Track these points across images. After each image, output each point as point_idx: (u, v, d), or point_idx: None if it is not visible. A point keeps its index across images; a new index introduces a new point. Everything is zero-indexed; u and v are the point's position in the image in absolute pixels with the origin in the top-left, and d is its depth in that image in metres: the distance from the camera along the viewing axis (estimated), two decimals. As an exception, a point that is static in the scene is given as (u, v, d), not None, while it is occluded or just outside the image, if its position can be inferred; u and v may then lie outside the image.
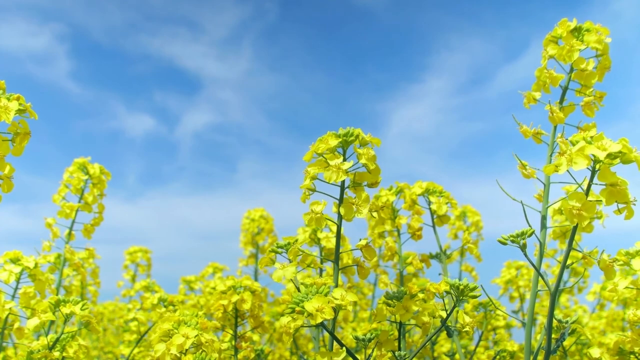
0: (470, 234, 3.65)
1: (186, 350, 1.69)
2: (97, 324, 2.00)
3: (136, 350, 3.28)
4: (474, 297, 1.81)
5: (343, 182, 1.74)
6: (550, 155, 2.07)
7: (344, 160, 1.73)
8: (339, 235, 1.82)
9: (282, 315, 3.90)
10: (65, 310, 1.94)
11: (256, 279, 4.09)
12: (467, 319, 1.83)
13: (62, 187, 2.86)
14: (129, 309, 3.70)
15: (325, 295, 1.63)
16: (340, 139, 1.70)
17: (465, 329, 1.83)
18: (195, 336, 1.69)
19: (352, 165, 1.71)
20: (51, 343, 1.97)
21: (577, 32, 2.03)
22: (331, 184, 1.71)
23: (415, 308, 1.87)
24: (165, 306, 2.60)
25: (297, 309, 1.62)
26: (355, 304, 3.99)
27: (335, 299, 1.63)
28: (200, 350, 1.68)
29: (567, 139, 1.72)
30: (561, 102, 2.09)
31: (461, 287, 1.79)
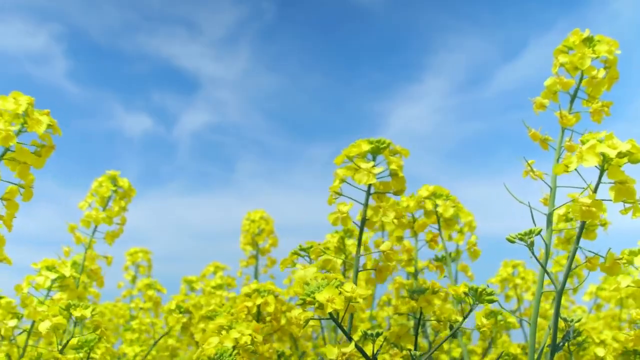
0: (464, 234, 3.69)
1: (233, 347, 1.72)
2: (106, 330, 2.05)
3: (139, 349, 3.28)
4: (491, 301, 1.86)
5: (369, 187, 1.79)
6: (557, 159, 2.14)
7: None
8: (360, 238, 1.87)
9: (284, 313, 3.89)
10: (76, 313, 1.99)
11: (256, 280, 4.10)
12: (485, 321, 1.89)
13: (89, 195, 2.90)
14: (130, 309, 3.69)
15: (336, 287, 1.65)
16: (372, 145, 1.76)
17: (482, 330, 1.88)
18: (249, 334, 1.73)
19: (382, 171, 1.75)
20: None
21: (588, 42, 2.09)
22: (359, 187, 1.76)
23: (437, 302, 1.91)
24: (181, 312, 2.65)
25: (309, 299, 1.63)
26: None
27: (346, 291, 1.64)
28: (251, 350, 1.72)
29: (575, 143, 1.80)
30: (570, 110, 2.15)
31: (479, 290, 1.84)
